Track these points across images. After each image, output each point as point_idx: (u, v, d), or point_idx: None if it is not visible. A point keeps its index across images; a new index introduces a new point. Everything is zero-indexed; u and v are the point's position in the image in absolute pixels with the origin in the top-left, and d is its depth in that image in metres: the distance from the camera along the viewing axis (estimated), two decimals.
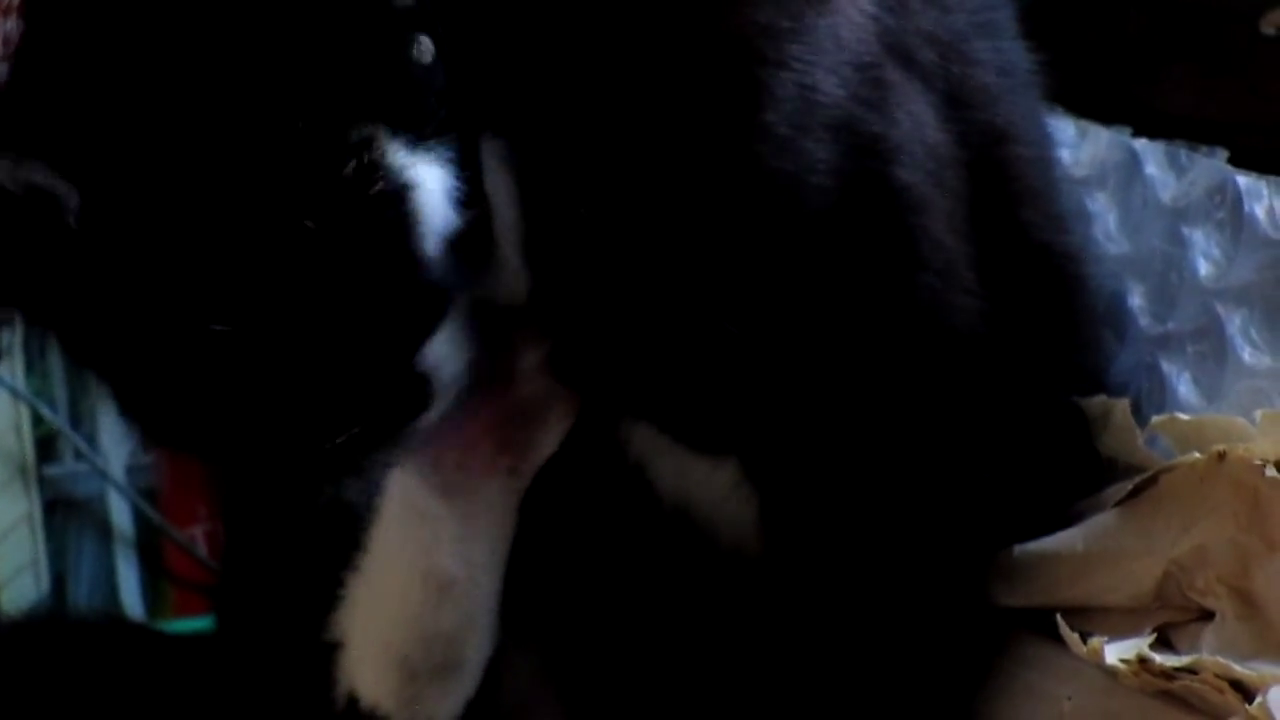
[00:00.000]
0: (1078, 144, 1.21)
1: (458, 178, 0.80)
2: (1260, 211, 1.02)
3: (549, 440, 0.86)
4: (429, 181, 0.78)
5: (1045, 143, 1.08)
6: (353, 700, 0.90)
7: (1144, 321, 1.11)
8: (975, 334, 0.89)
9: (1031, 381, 0.94)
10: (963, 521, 0.90)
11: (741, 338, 0.82)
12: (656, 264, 0.82)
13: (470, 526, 0.86)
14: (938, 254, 0.87)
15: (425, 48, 0.78)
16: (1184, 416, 0.92)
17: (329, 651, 0.91)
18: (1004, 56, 1.01)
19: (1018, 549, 0.92)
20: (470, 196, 0.81)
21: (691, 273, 0.82)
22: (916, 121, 0.89)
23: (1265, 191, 1.02)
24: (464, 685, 0.89)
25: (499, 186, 0.82)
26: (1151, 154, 1.14)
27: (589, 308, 0.83)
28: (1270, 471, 0.81)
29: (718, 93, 0.80)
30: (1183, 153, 1.11)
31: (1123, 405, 0.97)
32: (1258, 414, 0.87)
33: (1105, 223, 1.17)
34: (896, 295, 0.86)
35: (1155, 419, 0.93)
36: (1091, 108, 1.18)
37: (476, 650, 0.89)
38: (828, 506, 0.88)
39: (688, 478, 0.91)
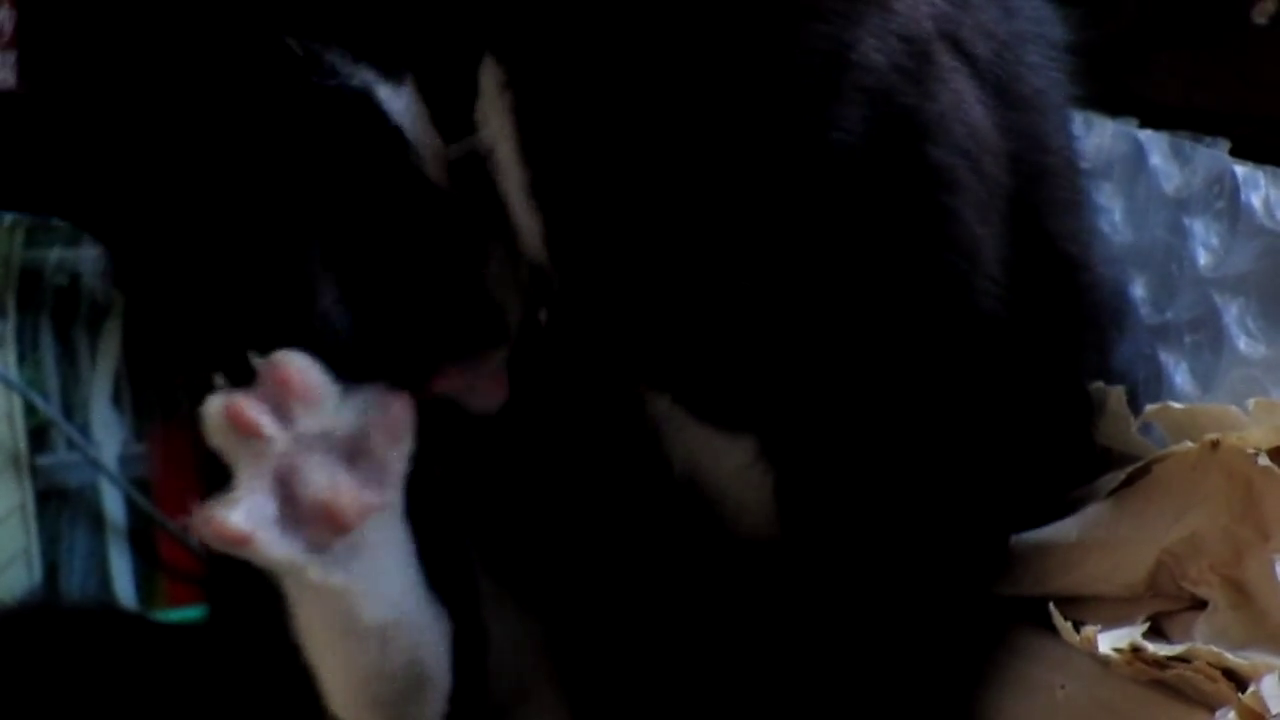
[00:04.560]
0: (1084, 136, 1.20)
1: (447, 108, 0.81)
2: (1257, 201, 1.03)
3: (401, 458, 0.84)
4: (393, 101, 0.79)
5: (1077, 161, 1.08)
6: None
7: (1144, 311, 1.11)
8: (996, 322, 0.89)
9: (1037, 378, 0.94)
10: (976, 507, 0.90)
11: (755, 294, 0.82)
12: (668, 209, 0.81)
13: (378, 573, 0.85)
14: (964, 236, 0.87)
15: None
16: (1177, 405, 0.92)
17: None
18: (1052, 72, 1.02)
19: (1012, 538, 0.92)
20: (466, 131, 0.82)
21: (703, 218, 0.81)
22: (960, 101, 0.88)
23: (1262, 181, 1.03)
24: (439, 686, 0.89)
25: (494, 118, 0.82)
26: (1156, 145, 1.14)
27: (601, 258, 0.83)
28: (1263, 460, 0.81)
29: (745, 34, 0.80)
30: (1186, 143, 1.11)
31: (1118, 391, 0.97)
32: (1250, 402, 0.87)
33: (1111, 214, 1.18)
34: (920, 273, 0.85)
35: (1149, 408, 0.93)
36: (1082, 98, 1.18)
37: (437, 652, 0.89)
38: (844, 485, 0.87)
39: (703, 449, 0.91)
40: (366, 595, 0.84)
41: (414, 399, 0.83)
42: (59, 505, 1.39)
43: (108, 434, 1.41)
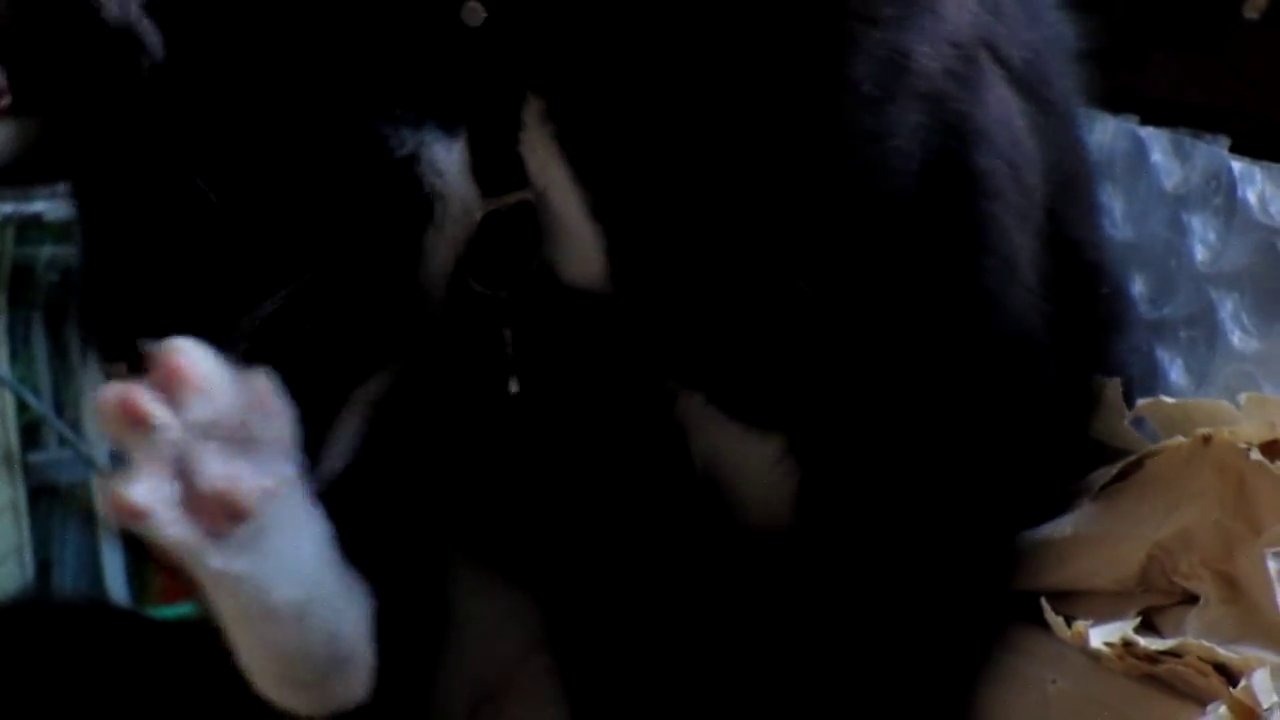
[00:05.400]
0: (1088, 134, 1.20)
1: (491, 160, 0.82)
2: (1252, 196, 1.03)
3: (284, 434, 0.82)
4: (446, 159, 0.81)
5: (1092, 166, 1.09)
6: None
7: (1142, 308, 1.11)
8: (1032, 329, 0.89)
9: (1054, 381, 0.94)
10: (992, 505, 0.90)
11: (810, 297, 0.82)
12: (722, 215, 0.81)
13: (283, 554, 0.83)
14: (1003, 243, 0.87)
15: (475, 10, 0.80)
16: (1169, 400, 0.92)
17: None
18: (1071, 78, 1.03)
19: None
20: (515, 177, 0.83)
21: (764, 226, 0.82)
22: (1004, 108, 0.89)
23: (1259, 176, 1.03)
24: (361, 662, 0.89)
25: (540, 149, 0.82)
26: (1157, 142, 1.14)
27: (664, 272, 0.83)
28: (1255, 455, 0.81)
29: (803, 42, 0.80)
30: (1186, 140, 1.11)
31: (1114, 384, 0.96)
32: (1242, 397, 0.87)
33: (1111, 211, 1.18)
34: (958, 276, 0.86)
35: (1141, 402, 0.93)
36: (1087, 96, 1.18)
37: (357, 628, 0.88)
38: (867, 482, 0.88)
39: (729, 447, 0.91)
40: (273, 577, 0.83)
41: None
42: (51, 502, 1.39)
43: (99, 430, 1.41)
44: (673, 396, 0.90)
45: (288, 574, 0.83)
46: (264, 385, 0.81)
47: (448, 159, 0.82)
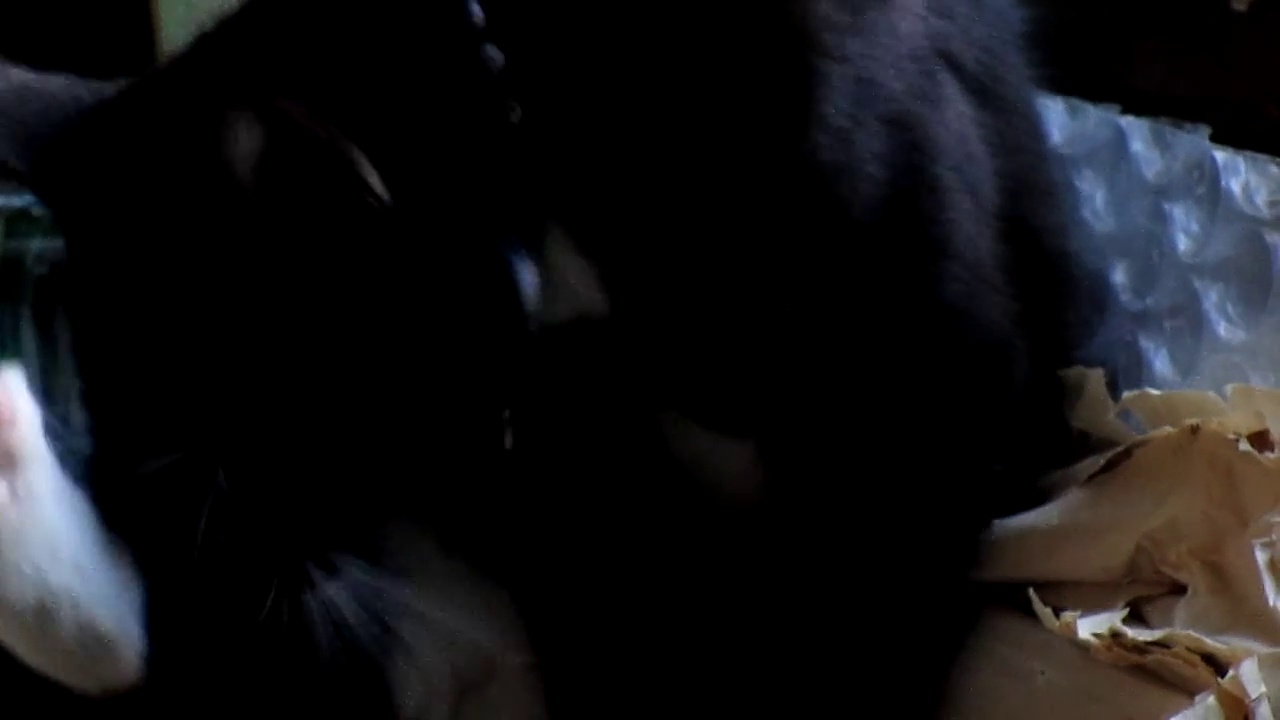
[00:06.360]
0: (1067, 123, 1.21)
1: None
2: (1236, 187, 1.03)
3: (23, 440, 0.83)
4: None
5: (1050, 152, 1.10)
6: None
7: (1125, 298, 1.11)
8: (1001, 331, 0.90)
9: (1024, 372, 0.95)
10: (957, 496, 0.91)
11: (792, 322, 0.83)
12: (722, 265, 0.83)
13: (17, 559, 0.83)
14: (969, 249, 0.88)
15: (515, 110, 0.80)
16: (1155, 392, 0.92)
17: None
18: (1024, 68, 1.03)
19: (993, 524, 0.92)
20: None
21: (752, 266, 0.83)
22: (962, 124, 0.90)
23: (1242, 167, 1.03)
24: (128, 648, 0.89)
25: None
26: (1137, 131, 1.14)
27: (662, 318, 0.85)
28: (1243, 445, 0.82)
29: (775, 82, 0.81)
30: (1167, 130, 1.11)
31: (1096, 375, 0.97)
32: (1229, 389, 0.87)
33: (1092, 201, 1.18)
34: (928, 285, 0.87)
35: (1126, 394, 0.93)
36: (1065, 85, 1.19)
37: (120, 617, 0.88)
38: (838, 488, 0.88)
39: (706, 448, 0.92)
40: (11, 572, 0.83)
41: None
42: None
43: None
44: (649, 407, 0.91)
45: (21, 575, 0.84)
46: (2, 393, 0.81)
47: (528, 279, 0.83)
